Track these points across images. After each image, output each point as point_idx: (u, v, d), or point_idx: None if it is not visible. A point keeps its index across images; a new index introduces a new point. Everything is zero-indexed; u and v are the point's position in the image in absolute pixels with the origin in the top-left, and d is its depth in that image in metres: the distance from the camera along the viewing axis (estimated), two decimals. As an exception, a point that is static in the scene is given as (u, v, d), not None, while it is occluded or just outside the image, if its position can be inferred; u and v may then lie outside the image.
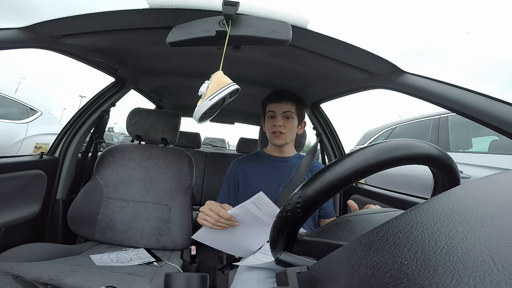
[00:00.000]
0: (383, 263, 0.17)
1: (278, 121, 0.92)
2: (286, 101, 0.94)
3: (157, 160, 1.15)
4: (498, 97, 0.54)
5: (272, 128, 0.94)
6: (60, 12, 0.65)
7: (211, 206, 0.64)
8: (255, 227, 0.64)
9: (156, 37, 0.72)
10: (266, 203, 0.58)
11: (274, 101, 0.95)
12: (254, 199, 0.57)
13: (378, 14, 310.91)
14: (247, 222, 0.63)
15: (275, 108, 0.94)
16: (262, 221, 0.61)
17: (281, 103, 0.93)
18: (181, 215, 1.09)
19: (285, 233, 0.31)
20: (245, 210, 0.60)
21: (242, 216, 0.62)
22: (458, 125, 2.17)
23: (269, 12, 0.58)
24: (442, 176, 0.34)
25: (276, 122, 0.93)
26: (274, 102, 0.95)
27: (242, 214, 0.61)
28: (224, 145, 6.82)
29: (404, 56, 27.44)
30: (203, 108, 0.55)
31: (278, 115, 0.94)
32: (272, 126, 0.94)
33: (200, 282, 0.36)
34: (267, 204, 0.58)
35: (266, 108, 0.98)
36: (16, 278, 0.39)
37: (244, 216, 0.61)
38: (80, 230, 1.08)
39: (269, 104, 0.96)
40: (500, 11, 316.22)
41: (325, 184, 0.29)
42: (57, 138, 1.14)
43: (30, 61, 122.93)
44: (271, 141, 0.97)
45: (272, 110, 0.95)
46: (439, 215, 0.19)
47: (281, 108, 0.93)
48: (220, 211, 0.62)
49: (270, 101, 0.96)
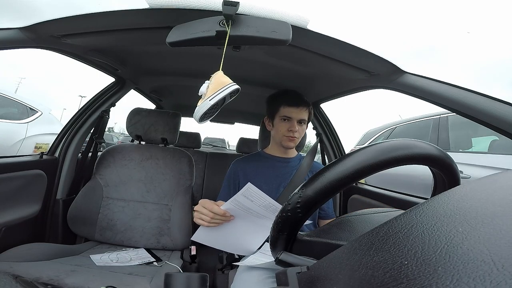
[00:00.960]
0: (383, 263, 0.17)
1: (295, 127, 0.92)
2: (304, 107, 0.93)
3: (157, 160, 1.15)
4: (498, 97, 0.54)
5: (286, 132, 0.93)
6: (60, 12, 0.65)
7: (204, 204, 0.64)
8: (253, 222, 0.63)
9: (156, 37, 0.72)
10: (256, 194, 0.57)
11: (292, 105, 0.92)
12: (243, 191, 0.56)
13: (378, 14, 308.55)
14: (243, 216, 0.63)
15: (292, 113, 0.92)
16: (257, 213, 0.61)
17: (299, 109, 0.92)
18: (181, 215, 1.09)
19: (285, 233, 0.31)
20: (237, 203, 0.59)
21: (236, 211, 0.61)
22: (458, 125, 2.17)
23: (269, 12, 0.58)
24: (442, 176, 0.34)
25: (293, 127, 0.92)
26: (292, 106, 0.92)
27: (236, 208, 0.60)
28: (224, 145, 6.82)
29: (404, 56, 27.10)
30: (203, 108, 0.55)
31: (294, 121, 0.92)
32: (286, 130, 0.93)
33: (200, 282, 0.36)
34: (258, 195, 0.57)
35: (279, 109, 0.95)
36: (16, 278, 0.39)
37: (238, 210, 0.61)
38: (80, 230, 1.08)
39: (285, 107, 0.93)
40: (500, 11, 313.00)
41: (325, 184, 0.29)
42: (57, 138, 1.14)
43: (30, 61, 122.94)
44: (283, 143, 0.95)
45: (289, 116, 0.92)
46: (439, 215, 0.19)
47: (298, 114, 0.92)
48: (213, 207, 0.62)
49: (287, 104, 0.93)
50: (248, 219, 0.63)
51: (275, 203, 0.58)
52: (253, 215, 0.62)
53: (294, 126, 0.92)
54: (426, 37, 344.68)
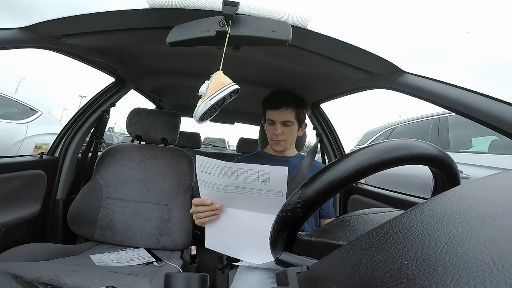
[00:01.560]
0: (383, 263, 0.17)
1: (277, 130, 0.89)
2: (286, 107, 0.89)
3: (157, 160, 1.15)
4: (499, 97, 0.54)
5: (272, 135, 0.92)
6: (60, 12, 0.65)
7: (194, 202, 0.62)
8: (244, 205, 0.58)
9: (156, 37, 0.72)
10: (208, 163, 0.54)
11: (272, 108, 0.90)
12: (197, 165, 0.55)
13: (378, 14, 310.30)
14: (228, 203, 0.59)
15: (274, 116, 0.90)
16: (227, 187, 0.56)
17: (280, 111, 0.89)
18: (181, 215, 1.09)
19: (285, 233, 0.31)
20: (203, 184, 0.57)
21: (212, 194, 0.59)
22: (458, 125, 2.17)
23: (269, 12, 0.58)
24: (442, 176, 0.34)
25: (275, 130, 0.90)
26: (272, 109, 0.90)
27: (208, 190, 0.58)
28: (224, 145, 6.81)
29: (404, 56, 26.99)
30: (203, 108, 0.55)
31: (277, 123, 0.90)
32: (272, 134, 0.92)
33: (200, 282, 0.36)
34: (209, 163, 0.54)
35: (265, 113, 0.94)
36: (16, 278, 0.39)
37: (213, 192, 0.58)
38: (80, 230, 1.08)
39: (268, 110, 0.92)
40: (500, 11, 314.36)
41: (325, 184, 0.29)
42: (57, 138, 1.14)
43: (30, 61, 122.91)
44: (271, 146, 0.96)
45: (271, 119, 0.91)
46: (439, 215, 0.19)
47: (280, 116, 0.89)
48: (202, 201, 0.60)
49: (268, 108, 0.91)
50: (239, 204, 0.59)
51: (227, 163, 0.53)
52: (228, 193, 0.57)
53: (277, 129, 0.89)
54: (426, 37, 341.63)
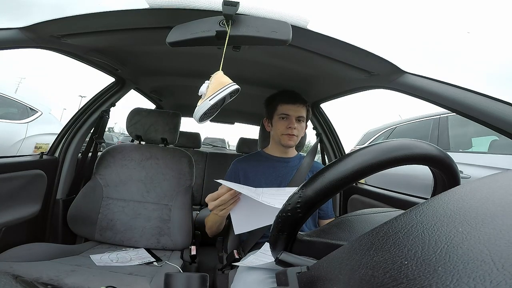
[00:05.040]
0: (383, 263, 0.17)
1: (293, 124, 0.91)
2: (301, 104, 0.93)
3: (157, 160, 1.15)
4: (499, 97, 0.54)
5: (285, 130, 0.93)
6: (60, 12, 0.65)
7: (212, 197, 0.62)
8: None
9: (156, 37, 0.72)
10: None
11: (289, 103, 0.93)
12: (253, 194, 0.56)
13: (378, 14, 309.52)
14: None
15: (290, 110, 0.92)
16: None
17: (296, 106, 0.92)
18: (181, 215, 1.09)
19: (285, 233, 0.31)
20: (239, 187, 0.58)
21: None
22: (458, 125, 2.17)
23: (269, 12, 0.58)
24: (442, 176, 0.34)
25: (291, 124, 0.92)
26: (289, 103, 0.93)
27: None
28: (224, 145, 6.81)
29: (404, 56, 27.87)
30: (203, 108, 0.55)
31: (292, 118, 0.92)
32: (285, 128, 0.92)
33: (200, 282, 0.36)
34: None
35: (277, 108, 0.95)
36: (16, 278, 0.39)
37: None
38: (80, 230, 1.08)
39: (283, 105, 0.93)
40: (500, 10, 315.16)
41: (325, 184, 0.29)
42: (57, 138, 1.14)
43: (30, 61, 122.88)
44: (282, 141, 0.95)
45: (286, 113, 0.93)
46: (439, 215, 0.19)
47: (296, 111, 0.92)
48: (220, 193, 0.60)
49: (284, 102, 0.93)
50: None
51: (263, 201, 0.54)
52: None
53: (293, 123, 0.92)
54: (426, 37, 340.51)
